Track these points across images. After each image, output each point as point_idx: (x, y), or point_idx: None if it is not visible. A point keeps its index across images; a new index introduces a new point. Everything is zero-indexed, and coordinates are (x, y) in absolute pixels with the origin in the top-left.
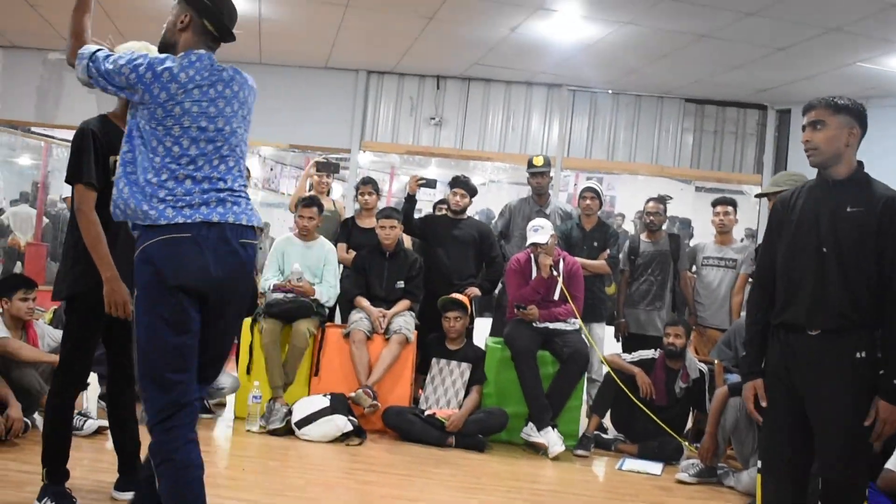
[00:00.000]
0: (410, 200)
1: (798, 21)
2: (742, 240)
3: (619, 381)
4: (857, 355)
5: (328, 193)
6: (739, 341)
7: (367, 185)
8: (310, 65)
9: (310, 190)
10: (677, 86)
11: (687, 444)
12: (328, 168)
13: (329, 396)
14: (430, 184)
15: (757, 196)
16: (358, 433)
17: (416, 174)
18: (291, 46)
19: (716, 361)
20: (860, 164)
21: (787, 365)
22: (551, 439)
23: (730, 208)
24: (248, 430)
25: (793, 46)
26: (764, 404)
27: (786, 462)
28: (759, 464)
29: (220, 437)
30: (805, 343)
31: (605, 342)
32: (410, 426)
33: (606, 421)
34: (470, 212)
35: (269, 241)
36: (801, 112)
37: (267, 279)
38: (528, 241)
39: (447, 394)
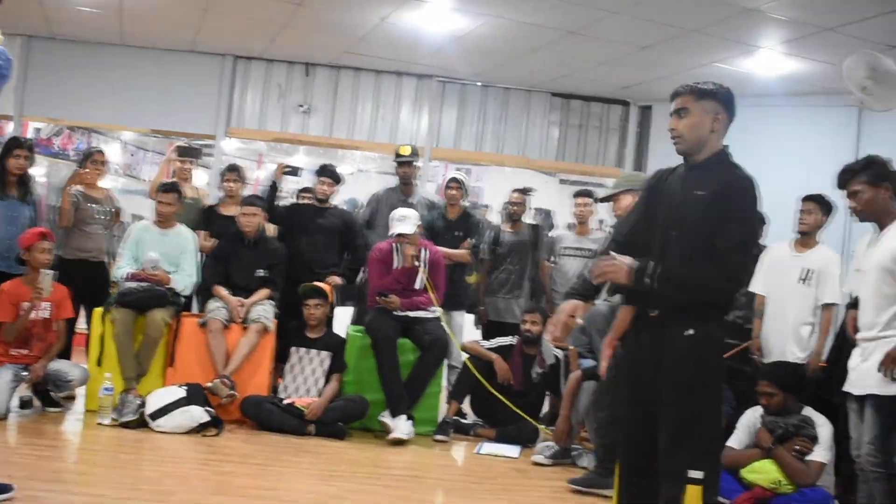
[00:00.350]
0: (274, 188)
1: (660, 22)
2: (599, 230)
3: (474, 368)
4: (686, 333)
5: (190, 180)
6: (594, 328)
7: (232, 171)
8: (174, 48)
9: (172, 176)
10: (545, 80)
11: (543, 427)
12: (190, 153)
13: (185, 387)
14: (295, 172)
15: (598, 201)
16: (215, 424)
17: (282, 162)
18: (155, 28)
19: (570, 347)
20: (724, 148)
21: (637, 349)
22: (398, 425)
23: (589, 200)
24: (100, 424)
25: (655, 45)
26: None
27: (638, 446)
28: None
29: (69, 431)
30: (647, 325)
31: (466, 329)
32: (269, 415)
33: (466, 406)
34: (337, 200)
35: (123, 227)
36: (669, 99)
37: (120, 267)
38: (393, 231)
39: (307, 382)
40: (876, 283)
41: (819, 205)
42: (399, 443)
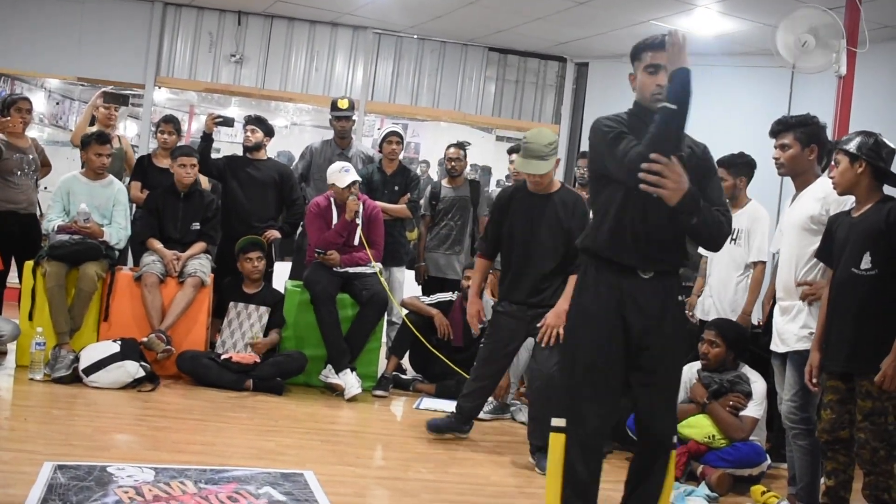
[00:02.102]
0: (207, 139)
1: None
2: None
3: (413, 325)
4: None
5: (115, 128)
6: None
7: (168, 123)
8: None
9: (92, 124)
10: (481, 34)
11: None
12: (116, 99)
13: (119, 342)
14: (228, 122)
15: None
16: (150, 379)
17: (213, 112)
18: None
19: None
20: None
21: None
22: (349, 381)
23: None
24: (32, 379)
25: (591, 2)
26: None
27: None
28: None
29: (0, 387)
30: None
31: (406, 285)
32: (206, 371)
33: (405, 362)
34: (270, 154)
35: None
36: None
37: (51, 220)
38: (345, 182)
39: (245, 337)
40: (793, 242)
41: (728, 168)
42: (355, 398)
